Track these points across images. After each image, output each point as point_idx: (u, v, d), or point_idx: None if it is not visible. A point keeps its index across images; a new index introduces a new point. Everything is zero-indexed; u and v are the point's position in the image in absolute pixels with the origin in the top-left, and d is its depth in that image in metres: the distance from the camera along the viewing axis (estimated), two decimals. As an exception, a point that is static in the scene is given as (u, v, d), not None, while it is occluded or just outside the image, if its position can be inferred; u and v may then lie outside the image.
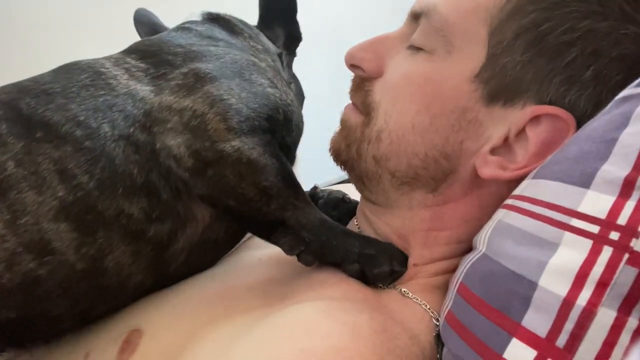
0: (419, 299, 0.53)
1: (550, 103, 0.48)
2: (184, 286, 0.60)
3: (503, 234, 0.45)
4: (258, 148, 0.53)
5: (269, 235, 0.56)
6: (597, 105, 0.46)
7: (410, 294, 0.53)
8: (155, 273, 0.57)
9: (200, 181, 0.53)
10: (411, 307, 0.52)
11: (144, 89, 0.56)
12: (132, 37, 0.68)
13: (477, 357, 0.41)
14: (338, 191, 0.78)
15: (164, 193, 0.54)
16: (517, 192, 0.48)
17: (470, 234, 0.54)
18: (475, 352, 0.41)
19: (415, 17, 0.55)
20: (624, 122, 0.39)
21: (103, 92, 0.54)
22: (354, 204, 0.72)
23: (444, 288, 0.54)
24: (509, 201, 0.48)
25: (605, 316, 0.35)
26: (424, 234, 0.56)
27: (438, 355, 0.49)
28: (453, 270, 0.54)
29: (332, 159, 0.64)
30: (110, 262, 0.52)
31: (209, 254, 0.63)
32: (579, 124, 0.47)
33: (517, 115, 0.49)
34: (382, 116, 0.55)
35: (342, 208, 0.74)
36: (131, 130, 0.53)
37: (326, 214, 0.70)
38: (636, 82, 0.42)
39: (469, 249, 0.54)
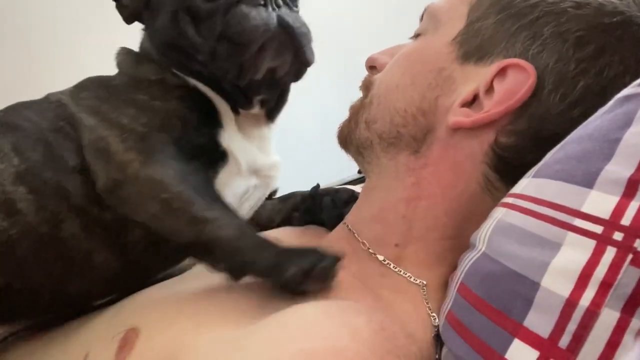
0: (412, 276, 0.56)
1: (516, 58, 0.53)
2: (179, 283, 0.61)
3: (504, 233, 0.45)
4: (156, 165, 0.55)
5: (198, 256, 0.56)
6: (559, 60, 0.51)
7: (410, 275, 0.56)
8: (117, 255, 0.60)
9: (113, 200, 0.57)
10: (408, 295, 0.54)
11: (64, 99, 0.62)
12: (132, 39, 0.68)
13: (479, 357, 0.41)
14: (346, 189, 0.77)
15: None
16: (517, 190, 0.48)
17: (445, 207, 0.57)
18: (477, 352, 0.41)
19: (421, 19, 0.65)
20: (627, 122, 0.39)
21: (46, 100, 0.64)
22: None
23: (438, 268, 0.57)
24: (509, 199, 0.48)
25: (609, 317, 0.35)
26: (405, 204, 0.59)
27: (437, 356, 0.49)
28: (440, 253, 0.57)
29: (339, 146, 0.69)
30: (66, 232, 0.57)
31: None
32: (542, 77, 0.52)
33: (486, 70, 0.54)
34: (376, 85, 0.64)
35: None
36: (60, 124, 0.60)
37: (331, 213, 0.72)
38: (638, 80, 0.42)
39: (449, 234, 0.56)
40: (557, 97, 0.51)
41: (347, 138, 0.67)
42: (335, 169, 1.49)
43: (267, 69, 0.60)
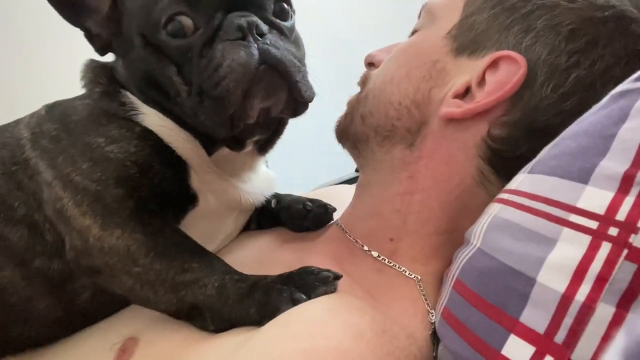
0: (408, 271, 0.56)
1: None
2: None
3: (500, 229, 0.45)
4: (117, 230, 0.52)
5: (184, 320, 0.53)
6: (552, 52, 0.52)
7: (405, 270, 0.57)
8: (60, 302, 0.58)
9: (83, 269, 0.54)
10: (405, 290, 0.54)
11: (24, 135, 0.59)
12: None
13: (475, 353, 0.41)
14: (298, 200, 0.73)
15: (48, 234, 0.56)
16: (512, 186, 0.48)
17: (439, 200, 0.57)
18: (473, 348, 0.41)
19: (419, 17, 0.65)
20: (622, 118, 0.39)
21: (7, 133, 0.61)
22: (317, 212, 0.71)
23: (435, 263, 0.57)
24: (504, 195, 0.48)
25: (604, 312, 0.35)
26: (400, 198, 0.59)
27: (434, 354, 0.49)
28: (435, 247, 0.57)
29: (336, 140, 0.69)
30: (4, 279, 0.56)
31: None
32: (534, 69, 0.52)
33: (479, 63, 0.55)
34: (372, 80, 0.65)
35: (311, 216, 0.71)
36: (13, 169, 0.57)
37: (295, 225, 0.70)
38: (634, 76, 0.42)
39: (444, 228, 0.57)
40: (549, 88, 0.52)
41: (344, 132, 0.67)
42: (333, 168, 1.49)
43: (260, 109, 0.53)
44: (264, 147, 0.65)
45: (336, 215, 0.72)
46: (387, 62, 0.64)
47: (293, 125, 0.65)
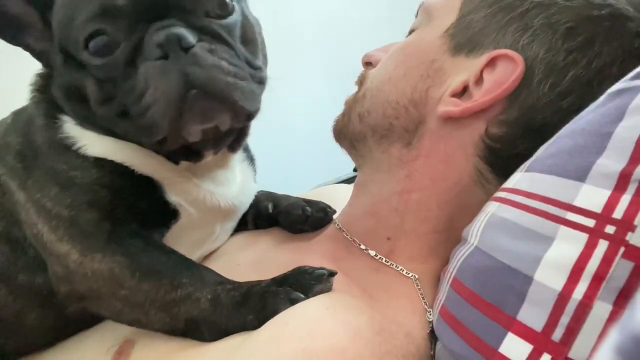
0: (405, 270, 0.57)
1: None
2: None
3: (497, 228, 0.45)
4: (97, 255, 0.50)
5: (181, 336, 0.51)
6: (549, 50, 0.52)
7: (402, 269, 0.57)
8: (51, 313, 0.57)
9: (69, 298, 0.53)
10: (402, 289, 0.54)
11: None
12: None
13: (473, 352, 0.41)
14: (296, 204, 0.71)
15: (29, 249, 0.54)
16: (510, 184, 0.48)
17: (437, 199, 0.57)
18: (471, 347, 0.41)
19: (416, 16, 0.65)
20: (619, 116, 0.39)
21: None
22: (317, 216, 0.69)
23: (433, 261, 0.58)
24: (502, 194, 0.48)
25: (601, 309, 0.35)
26: (397, 197, 0.59)
27: (432, 352, 0.49)
28: (433, 246, 0.57)
29: (334, 140, 0.69)
30: None
31: None
32: (531, 67, 0.53)
33: (476, 62, 0.55)
34: (369, 79, 0.65)
35: (310, 221, 0.69)
36: None
37: (294, 229, 0.69)
38: (630, 75, 0.42)
39: (441, 227, 0.57)
40: (546, 86, 0.52)
41: (341, 132, 0.67)
42: (331, 167, 1.49)
43: (202, 130, 0.49)
44: (232, 146, 0.60)
45: (334, 215, 0.72)
46: (384, 62, 0.64)
47: (291, 125, 0.65)
